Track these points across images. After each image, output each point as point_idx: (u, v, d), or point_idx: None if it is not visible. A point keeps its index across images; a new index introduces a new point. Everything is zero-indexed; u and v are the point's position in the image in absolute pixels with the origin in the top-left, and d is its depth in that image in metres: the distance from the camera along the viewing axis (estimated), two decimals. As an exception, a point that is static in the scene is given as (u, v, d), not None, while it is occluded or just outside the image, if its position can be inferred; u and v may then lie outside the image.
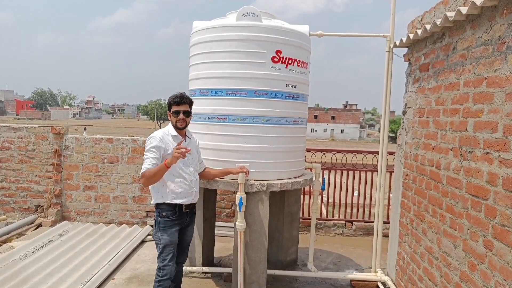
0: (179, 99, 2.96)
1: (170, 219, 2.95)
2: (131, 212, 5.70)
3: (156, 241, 2.98)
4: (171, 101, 2.98)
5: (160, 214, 2.95)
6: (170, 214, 2.95)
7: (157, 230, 2.96)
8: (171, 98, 2.99)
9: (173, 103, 2.97)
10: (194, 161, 3.12)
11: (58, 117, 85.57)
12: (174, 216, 2.96)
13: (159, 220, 2.95)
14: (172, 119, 3.01)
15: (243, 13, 3.41)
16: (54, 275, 3.75)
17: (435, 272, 2.85)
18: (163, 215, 2.94)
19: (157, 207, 2.98)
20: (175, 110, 2.96)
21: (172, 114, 2.99)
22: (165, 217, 2.94)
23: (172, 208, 2.95)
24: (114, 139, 5.71)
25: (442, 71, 2.85)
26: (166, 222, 2.94)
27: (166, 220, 2.94)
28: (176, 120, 2.97)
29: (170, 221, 2.95)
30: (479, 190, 2.31)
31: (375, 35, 3.97)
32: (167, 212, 2.94)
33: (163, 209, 2.95)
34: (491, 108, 2.22)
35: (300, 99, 3.66)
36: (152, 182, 2.88)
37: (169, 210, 2.95)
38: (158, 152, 2.88)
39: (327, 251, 5.09)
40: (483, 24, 2.32)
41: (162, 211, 2.95)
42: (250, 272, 3.50)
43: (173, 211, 2.95)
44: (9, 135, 5.76)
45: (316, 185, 4.05)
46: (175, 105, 2.96)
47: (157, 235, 2.96)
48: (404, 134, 3.61)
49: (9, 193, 5.82)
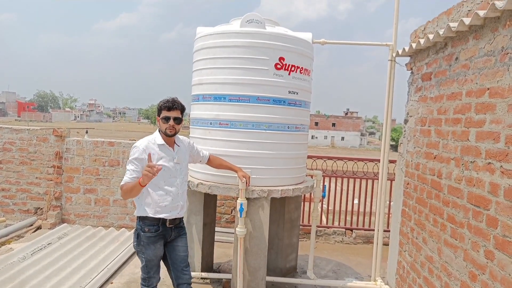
0: (170, 104, 2.75)
1: (153, 235, 2.75)
2: (131, 216, 5.69)
3: (139, 254, 2.81)
4: (161, 106, 2.78)
5: (142, 229, 2.75)
6: (153, 230, 2.75)
7: (140, 244, 2.76)
8: (162, 102, 2.79)
9: (163, 108, 2.76)
10: (182, 171, 2.90)
11: (59, 120, 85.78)
12: (157, 232, 2.76)
13: (141, 234, 2.75)
14: (161, 125, 2.79)
15: (247, 20, 3.44)
16: (52, 278, 3.73)
17: (436, 282, 2.84)
18: (146, 230, 2.74)
19: (139, 220, 2.78)
20: (165, 115, 2.75)
21: (162, 120, 2.77)
22: (148, 233, 2.74)
23: (155, 223, 2.75)
24: (115, 142, 5.72)
25: (445, 80, 2.87)
26: (149, 238, 2.75)
27: (149, 236, 2.75)
28: (166, 127, 2.76)
29: (154, 236, 2.76)
30: (480, 200, 2.31)
31: (377, 43, 3.99)
32: (150, 228, 2.74)
33: (146, 223, 2.75)
34: (493, 118, 2.22)
35: (302, 106, 3.68)
36: (130, 197, 2.72)
37: (151, 225, 2.74)
38: (139, 164, 2.67)
39: (327, 258, 5.07)
40: (486, 35, 2.34)
41: (145, 226, 2.74)
42: (249, 279, 3.49)
43: (156, 226, 2.75)
44: (11, 136, 5.77)
45: (317, 192, 4.04)
46: (165, 110, 2.76)
47: (140, 248, 2.77)
48: (406, 142, 3.62)
49: (9, 195, 5.82)
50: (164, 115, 2.77)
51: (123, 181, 2.67)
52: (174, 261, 2.89)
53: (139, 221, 2.80)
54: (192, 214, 4.04)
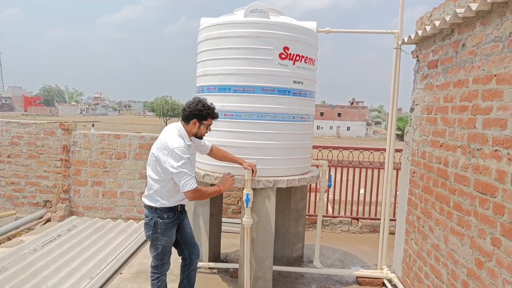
0: (216, 115, 2.94)
1: (171, 220, 2.91)
2: (138, 208, 5.75)
3: (155, 242, 2.91)
4: (208, 113, 2.87)
5: (161, 216, 2.87)
6: (171, 216, 2.90)
7: (156, 232, 2.88)
8: (210, 110, 2.87)
9: (210, 116, 2.89)
10: (194, 163, 3.15)
11: (65, 113, 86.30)
12: (174, 217, 2.93)
13: (159, 222, 2.86)
14: (201, 130, 2.91)
15: (250, 9, 3.41)
16: (63, 269, 3.80)
17: (442, 270, 2.85)
18: (164, 217, 2.87)
19: (155, 210, 2.88)
20: (209, 124, 2.93)
21: (204, 126, 2.91)
22: (167, 219, 2.88)
23: (172, 209, 2.90)
24: (122, 135, 5.75)
25: (451, 68, 2.84)
26: (168, 224, 2.89)
27: (167, 222, 2.89)
28: (204, 132, 2.96)
29: (171, 222, 2.91)
30: (487, 187, 2.30)
31: (383, 31, 3.95)
32: (168, 214, 2.89)
33: (163, 210, 2.87)
34: (501, 105, 2.20)
35: (307, 96, 3.66)
36: (204, 199, 2.93)
37: (169, 212, 2.89)
38: (189, 163, 2.78)
39: (333, 248, 5.09)
40: (493, 21, 2.31)
41: (163, 213, 2.87)
42: (256, 268, 3.52)
43: (173, 212, 2.91)
44: (19, 130, 5.83)
45: (323, 182, 4.05)
46: (211, 119, 2.91)
47: (156, 236, 2.88)
48: (412, 131, 3.60)
49: (19, 188, 5.90)
50: (209, 123, 2.94)
51: (192, 184, 2.72)
52: (186, 239, 3.13)
53: (153, 210, 2.87)
54: (199, 205, 4.07)
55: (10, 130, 5.83)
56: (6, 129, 5.83)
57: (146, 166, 3.01)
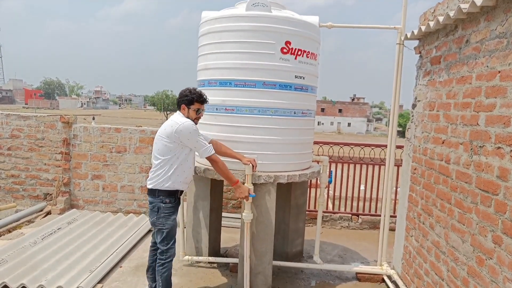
0: (203, 99, 3.09)
1: (173, 205, 3.08)
2: (138, 202, 5.75)
3: (159, 226, 3.06)
4: (194, 98, 3.05)
5: (163, 201, 3.03)
6: (172, 201, 3.07)
7: (160, 217, 3.04)
8: (195, 95, 3.05)
9: (196, 100, 3.05)
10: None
11: (66, 107, 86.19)
12: (175, 202, 3.11)
13: (162, 206, 3.03)
14: (191, 114, 3.07)
15: (252, 3, 3.38)
16: (62, 262, 3.80)
17: (442, 267, 2.84)
18: (167, 201, 3.04)
19: (158, 194, 3.03)
20: (198, 108, 3.08)
21: (193, 111, 3.07)
22: (169, 204, 3.05)
23: (173, 194, 3.07)
24: (122, 129, 5.74)
25: (454, 64, 2.81)
26: (170, 208, 3.06)
27: (169, 206, 3.05)
28: (196, 117, 3.10)
29: (173, 207, 3.09)
30: (489, 184, 2.29)
31: (386, 27, 3.91)
32: (170, 199, 3.05)
33: (165, 195, 3.03)
34: (504, 102, 2.18)
35: (308, 91, 3.64)
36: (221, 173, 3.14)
37: (171, 196, 3.06)
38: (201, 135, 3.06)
39: (333, 243, 5.10)
40: (498, 16, 2.28)
41: (165, 198, 3.03)
42: (256, 263, 3.52)
43: (174, 197, 3.08)
44: (19, 123, 5.81)
45: (323, 177, 4.04)
46: (199, 103, 3.07)
47: (161, 221, 3.05)
48: (413, 127, 3.58)
49: (19, 181, 5.90)
50: (197, 107, 3.08)
51: (211, 149, 3.03)
52: None
53: (156, 196, 3.03)
54: (199, 200, 4.07)
55: (10, 123, 5.81)
56: (7, 121, 5.82)
57: (146, 160, 3.06)
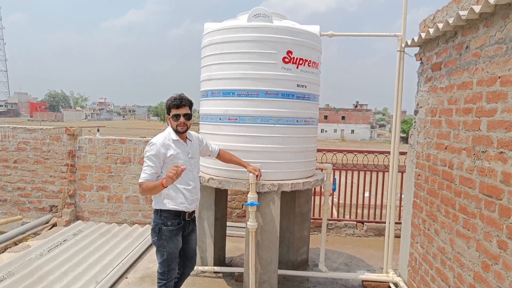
0: (178, 102, 2.80)
1: (175, 228, 2.86)
2: (143, 212, 5.77)
3: (160, 248, 2.87)
4: (170, 104, 2.83)
5: (164, 223, 2.83)
6: (175, 223, 2.85)
7: (161, 238, 2.84)
8: (169, 101, 2.84)
9: (172, 106, 2.82)
10: (196, 165, 3.04)
11: (70, 119, 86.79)
12: (179, 225, 2.88)
13: (163, 229, 2.83)
14: (172, 123, 2.85)
15: (254, 14, 3.44)
16: (68, 273, 3.82)
17: (448, 273, 2.83)
18: (168, 224, 2.83)
19: (159, 215, 2.85)
20: (175, 113, 2.82)
21: (172, 118, 2.83)
22: (170, 226, 2.84)
23: (177, 217, 2.86)
24: (127, 140, 5.78)
25: (455, 70, 2.83)
26: (172, 231, 2.85)
27: (171, 229, 2.84)
28: (176, 124, 2.83)
29: (176, 229, 2.86)
30: (493, 190, 2.29)
31: (386, 34, 3.95)
32: (172, 221, 2.84)
33: (167, 217, 2.83)
34: (505, 107, 2.20)
35: (311, 100, 3.67)
36: (150, 194, 2.82)
37: (173, 219, 2.84)
38: (157, 160, 2.74)
39: (338, 251, 5.07)
40: (496, 23, 2.30)
41: (167, 220, 2.83)
42: (261, 272, 3.52)
43: (178, 219, 2.86)
44: (25, 136, 5.88)
45: (327, 185, 4.04)
46: (174, 108, 2.82)
47: (161, 243, 2.85)
48: (416, 134, 3.59)
49: (25, 193, 5.94)
50: (174, 113, 2.83)
51: (142, 178, 2.73)
52: (186, 252, 3.07)
53: (159, 216, 2.85)
54: (203, 209, 4.08)
55: (16, 136, 5.88)
56: (13, 134, 5.89)
57: None
